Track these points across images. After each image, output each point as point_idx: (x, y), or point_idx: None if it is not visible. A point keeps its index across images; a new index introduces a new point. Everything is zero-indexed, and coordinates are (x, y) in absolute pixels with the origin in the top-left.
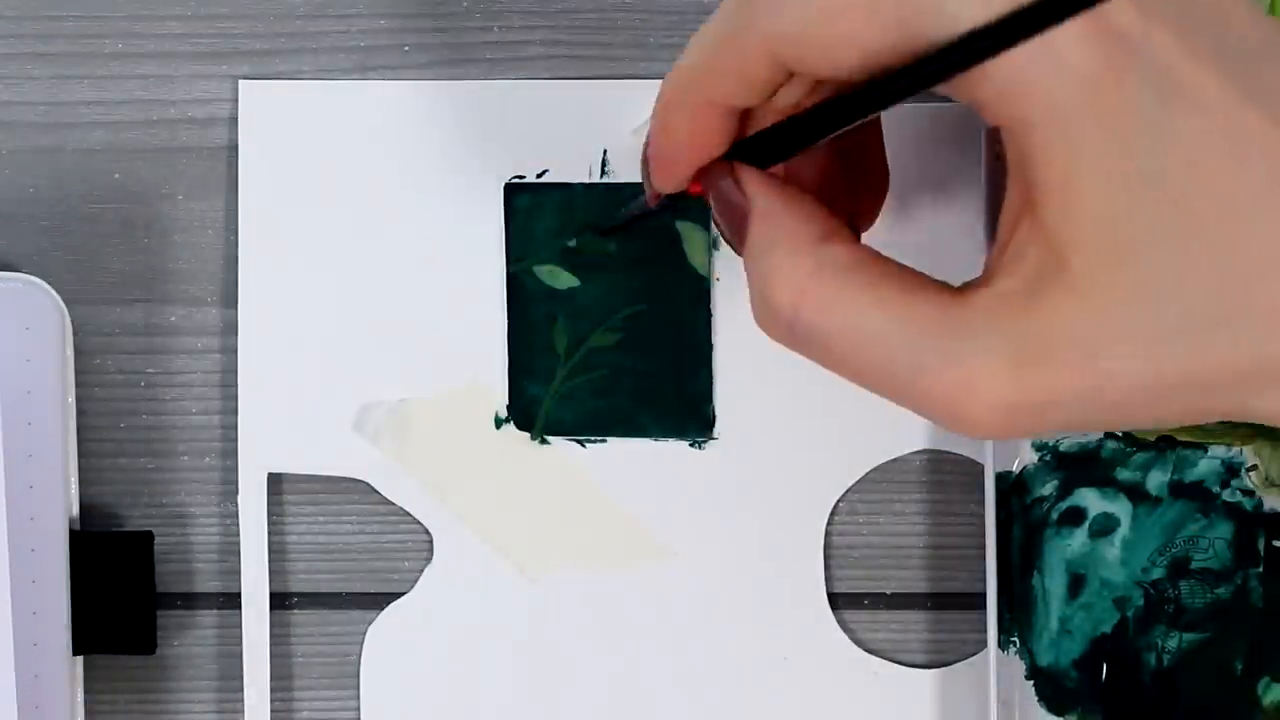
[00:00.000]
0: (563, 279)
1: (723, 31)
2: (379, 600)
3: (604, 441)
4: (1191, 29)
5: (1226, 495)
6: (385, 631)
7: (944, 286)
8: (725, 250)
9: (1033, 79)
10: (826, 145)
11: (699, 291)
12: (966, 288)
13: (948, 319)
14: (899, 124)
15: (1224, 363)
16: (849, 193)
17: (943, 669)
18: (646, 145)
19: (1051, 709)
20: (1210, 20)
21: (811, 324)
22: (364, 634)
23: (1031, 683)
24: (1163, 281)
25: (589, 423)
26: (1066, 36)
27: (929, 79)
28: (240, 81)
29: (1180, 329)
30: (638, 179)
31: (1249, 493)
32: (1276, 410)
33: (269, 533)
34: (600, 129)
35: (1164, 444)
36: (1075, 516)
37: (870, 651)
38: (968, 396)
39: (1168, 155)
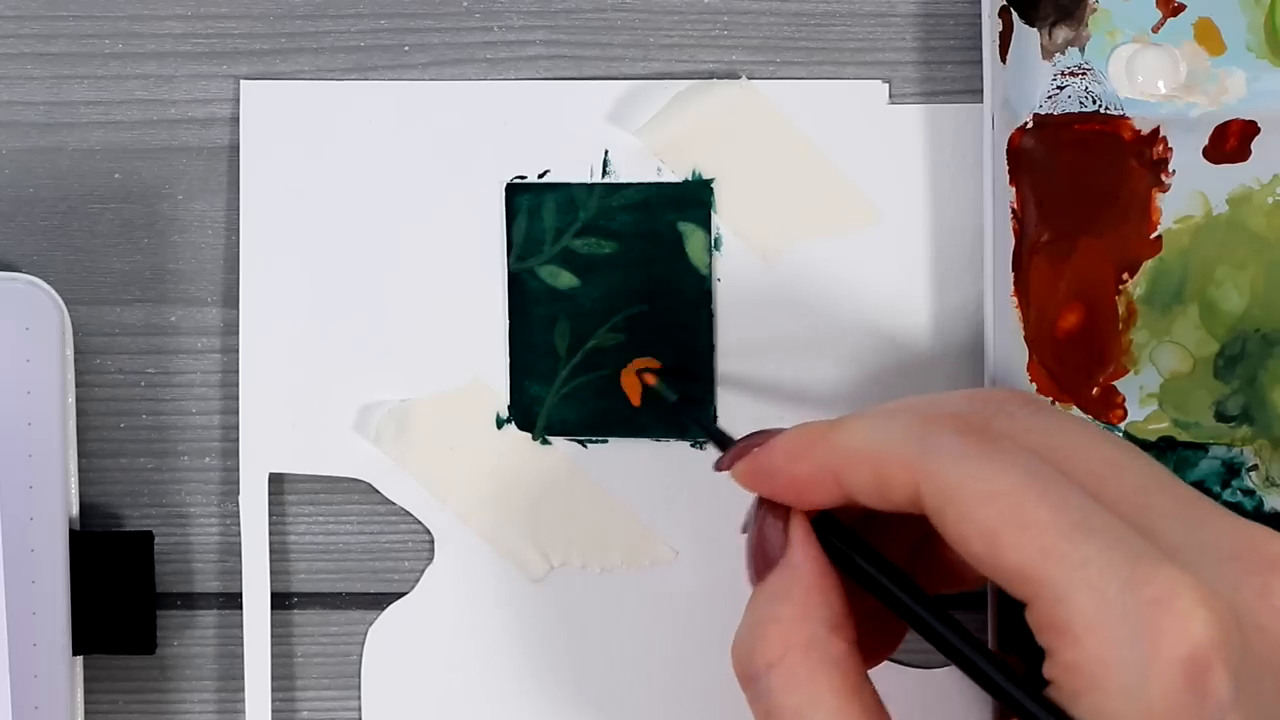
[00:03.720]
0: (564, 279)
1: (870, 438)
2: (379, 600)
3: (605, 441)
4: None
5: (1227, 495)
6: (386, 631)
7: None
8: (726, 250)
9: (1114, 664)
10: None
11: (700, 292)
12: None
13: None
14: (900, 124)
15: None
16: (868, 621)
17: (943, 669)
18: (754, 447)
19: None
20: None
21: (773, 688)
22: (364, 634)
23: None
24: None
25: (590, 423)
26: (1169, 660)
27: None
28: (241, 81)
29: None
30: (638, 179)
31: (1250, 493)
32: None
33: (269, 533)
34: (600, 129)
35: (1164, 444)
36: None
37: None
38: None
39: None
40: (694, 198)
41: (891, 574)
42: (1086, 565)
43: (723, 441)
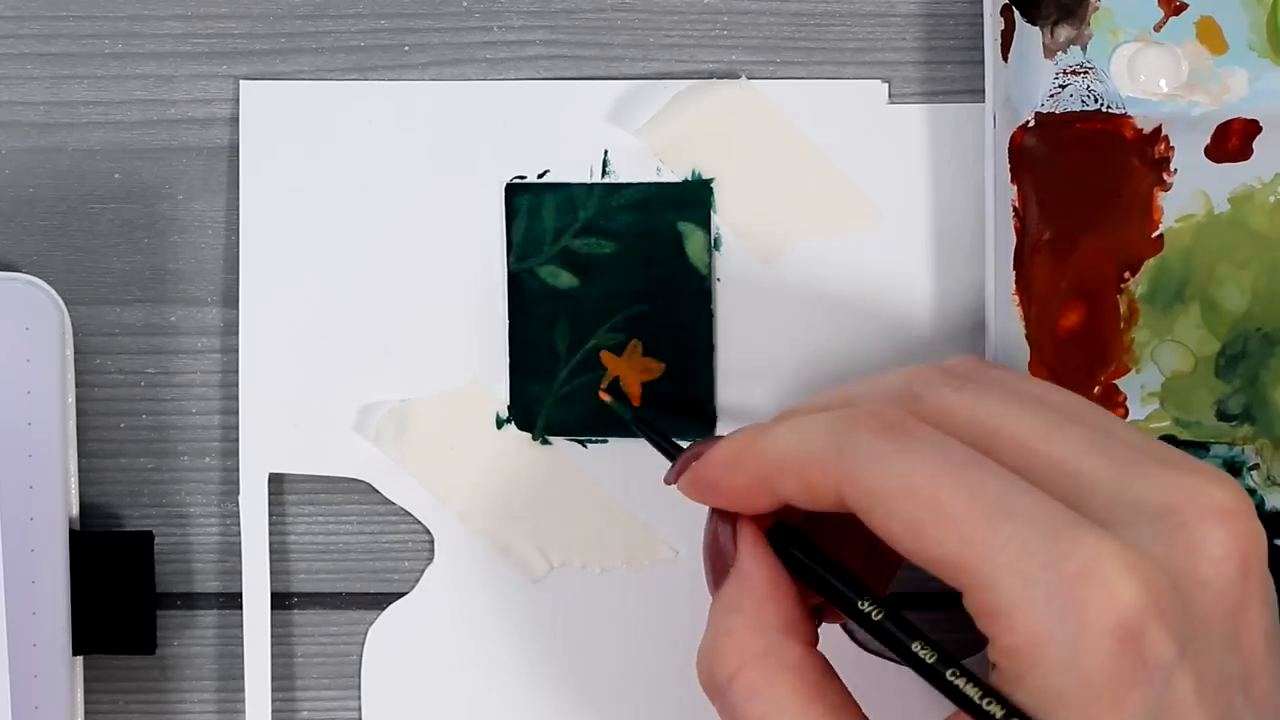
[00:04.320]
0: (564, 279)
1: (799, 444)
2: (379, 600)
3: (605, 441)
4: (1215, 684)
5: None
6: (386, 631)
7: None
8: (726, 250)
9: (1047, 642)
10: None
11: (700, 291)
12: None
13: None
14: (900, 123)
15: None
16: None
17: None
18: (697, 458)
19: None
20: (1236, 677)
21: (737, 700)
22: (364, 634)
23: None
24: None
25: (590, 423)
26: (1099, 631)
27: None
28: (241, 81)
29: None
30: (638, 179)
31: (1251, 491)
32: None
33: (269, 533)
34: (600, 129)
35: (1166, 443)
36: None
37: (870, 651)
38: None
39: None
40: (694, 198)
41: (841, 576)
42: (1006, 548)
43: (672, 454)
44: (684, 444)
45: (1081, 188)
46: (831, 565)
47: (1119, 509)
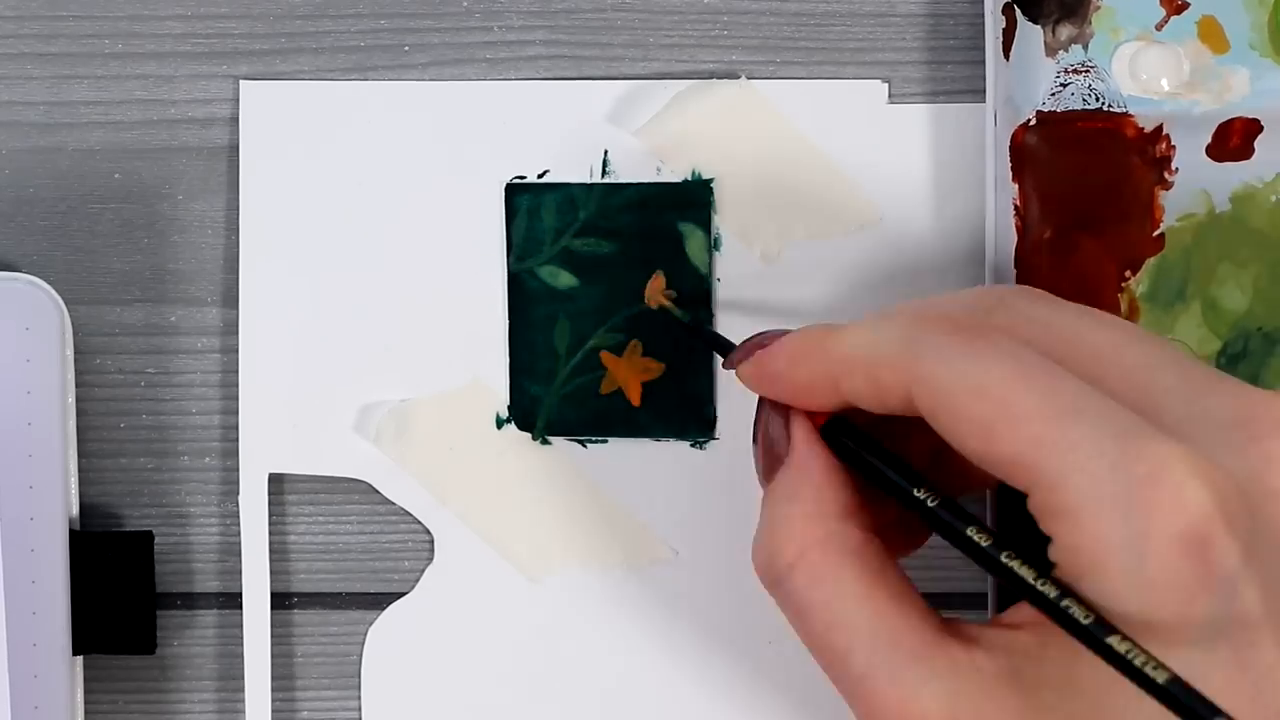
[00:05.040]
0: (564, 279)
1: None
2: (379, 600)
3: (605, 442)
4: None
5: None
6: (386, 631)
7: (932, 613)
8: (726, 250)
9: (1111, 543)
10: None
11: (700, 291)
12: (952, 627)
13: (919, 646)
14: (900, 123)
15: None
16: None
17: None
18: (762, 348)
19: None
20: None
21: (798, 587)
22: (364, 634)
23: None
24: None
25: (590, 423)
26: (1165, 535)
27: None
28: (241, 81)
29: None
30: (638, 179)
31: None
32: None
33: (269, 533)
34: (600, 129)
35: None
36: None
37: None
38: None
39: (1202, 681)
40: (694, 198)
41: (896, 465)
42: (1077, 449)
43: (725, 348)
44: (734, 343)
45: (1083, 187)
46: (886, 455)
47: (1191, 420)
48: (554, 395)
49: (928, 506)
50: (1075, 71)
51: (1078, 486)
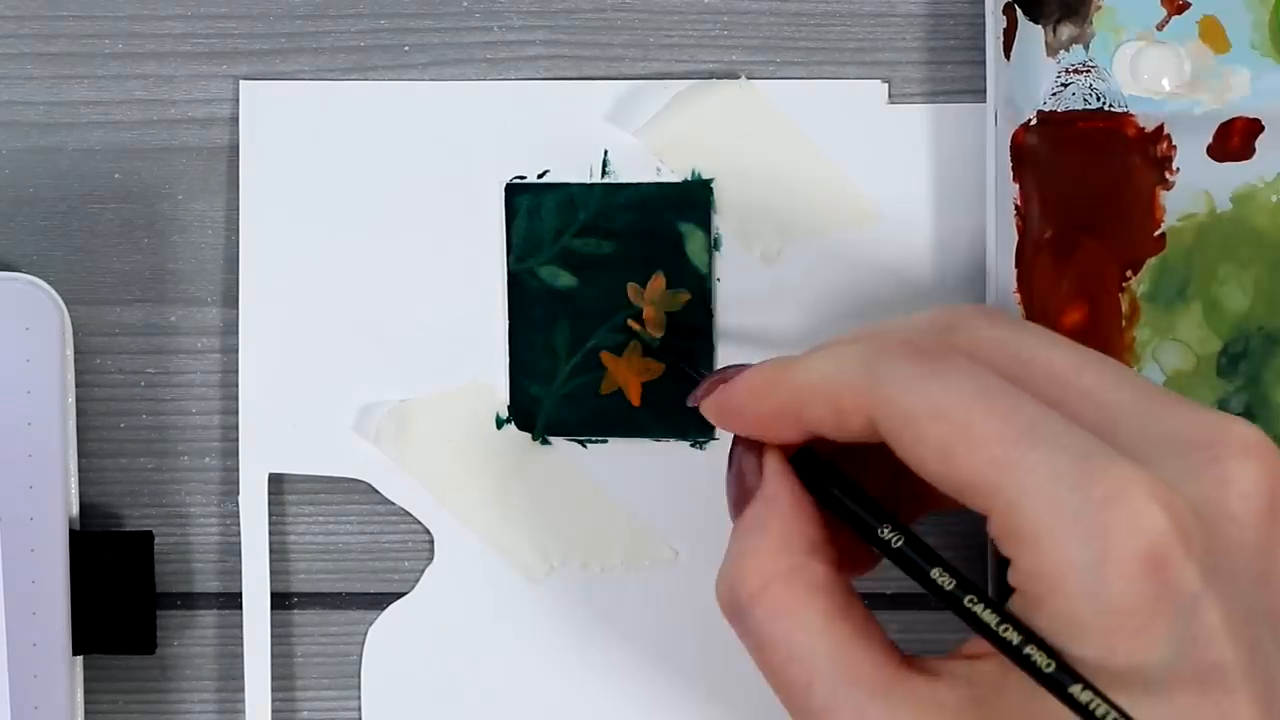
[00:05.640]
0: (564, 279)
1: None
2: (379, 600)
3: (605, 441)
4: (1242, 616)
5: None
6: (386, 631)
7: (893, 647)
8: (726, 250)
9: (1070, 566)
10: None
11: (700, 291)
12: (914, 661)
13: (881, 680)
14: (900, 123)
15: None
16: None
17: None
18: (725, 382)
19: None
20: (1264, 613)
21: (759, 620)
22: (364, 634)
23: None
24: None
25: (590, 423)
26: (1124, 557)
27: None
28: (241, 81)
29: None
30: (638, 179)
31: None
32: None
33: (269, 533)
34: (600, 129)
35: None
36: None
37: None
38: None
39: (1157, 711)
40: (694, 198)
41: (862, 501)
42: (1035, 471)
43: (691, 381)
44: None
45: (1083, 186)
46: (854, 490)
47: (1148, 442)
48: (554, 395)
49: (892, 547)
50: (1076, 71)
51: (1036, 509)
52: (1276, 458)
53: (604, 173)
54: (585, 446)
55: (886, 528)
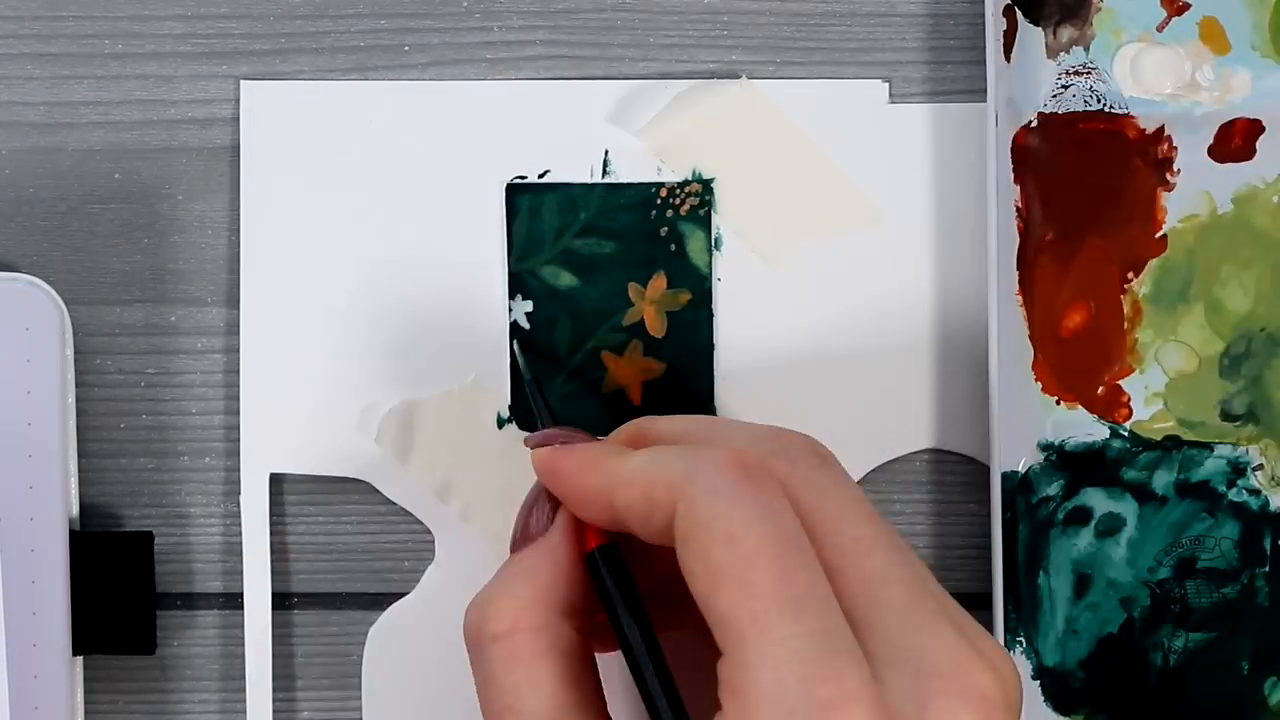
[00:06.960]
0: (564, 279)
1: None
2: (380, 600)
3: None
4: None
5: (1233, 495)
6: (386, 631)
7: None
8: (726, 250)
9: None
10: None
11: (700, 291)
12: None
13: None
14: (901, 123)
15: None
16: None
17: None
18: (561, 444)
19: (1058, 709)
20: None
21: (495, 660)
22: (365, 634)
23: (1038, 682)
24: None
25: (590, 423)
26: None
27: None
28: (241, 81)
29: None
30: (638, 179)
31: (1255, 492)
32: None
33: (270, 533)
34: (600, 129)
35: (1170, 444)
36: (1081, 516)
37: None
38: None
39: None
40: (694, 198)
41: (625, 593)
42: (782, 645)
43: (537, 421)
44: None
45: (1084, 188)
46: (623, 579)
47: (893, 649)
48: (554, 395)
49: (633, 657)
50: (1076, 73)
51: (763, 681)
52: (1005, 714)
53: (605, 173)
54: None
55: (632, 626)
